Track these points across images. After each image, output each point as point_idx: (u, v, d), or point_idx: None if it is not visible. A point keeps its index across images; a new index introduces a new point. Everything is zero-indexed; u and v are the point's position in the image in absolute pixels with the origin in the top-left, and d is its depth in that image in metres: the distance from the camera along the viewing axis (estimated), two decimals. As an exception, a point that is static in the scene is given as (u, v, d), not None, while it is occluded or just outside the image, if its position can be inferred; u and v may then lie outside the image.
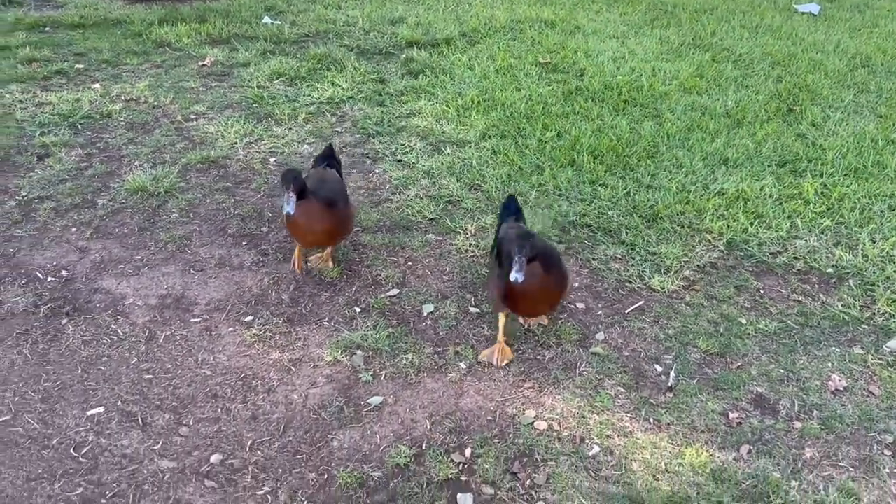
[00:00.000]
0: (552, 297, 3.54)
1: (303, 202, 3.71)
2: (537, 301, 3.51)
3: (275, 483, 3.02)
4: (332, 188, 4.00)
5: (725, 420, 3.36)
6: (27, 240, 4.43)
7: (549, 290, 3.46)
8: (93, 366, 3.55)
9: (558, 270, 3.48)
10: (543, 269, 3.35)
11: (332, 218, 3.91)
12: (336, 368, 3.60)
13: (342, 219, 4.01)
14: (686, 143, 5.78)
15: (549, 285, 3.44)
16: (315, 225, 3.87)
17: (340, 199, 4.00)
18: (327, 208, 3.87)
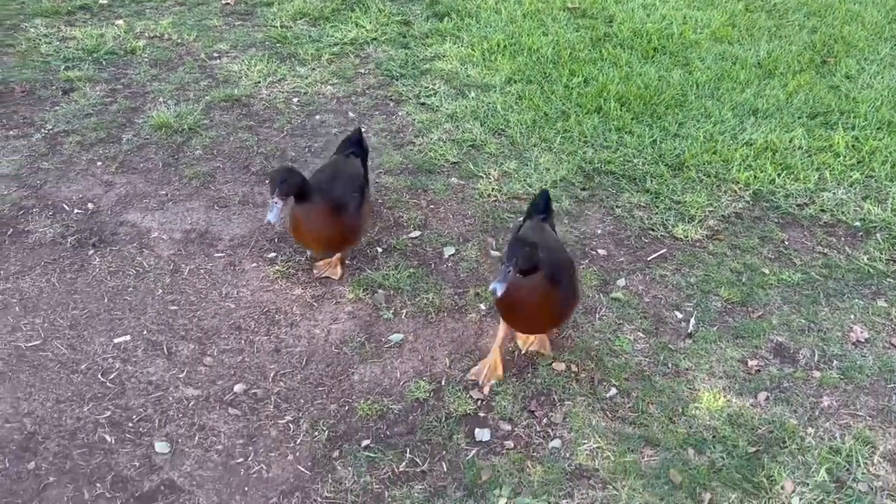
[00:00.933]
0: (553, 315, 3.06)
1: (307, 204, 3.35)
2: (534, 317, 3.04)
3: (297, 413, 3.08)
4: (345, 186, 3.55)
5: (744, 367, 3.37)
6: (53, 172, 4.47)
7: (550, 306, 2.99)
8: (119, 296, 3.61)
9: (566, 285, 3.03)
10: (550, 282, 2.91)
11: (339, 224, 3.48)
12: (357, 306, 3.63)
13: (351, 225, 3.54)
14: (715, 92, 5.66)
15: (552, 301, 2.97)
16: (319, 231, 3.46)
17: (352, 200, 3.53)
18: (334, 213, 3.44)
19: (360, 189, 3.65)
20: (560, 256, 3.12)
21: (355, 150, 3.91)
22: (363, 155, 3.96)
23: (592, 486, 2.82)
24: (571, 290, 3.10)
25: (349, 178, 3.64)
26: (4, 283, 3.64)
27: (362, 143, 3.99)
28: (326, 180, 3.57)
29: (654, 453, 2.95)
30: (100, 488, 2.76)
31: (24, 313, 3.49)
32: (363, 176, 3.82)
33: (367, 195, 3.80)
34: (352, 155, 3.88)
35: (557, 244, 3.27)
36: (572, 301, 3.14)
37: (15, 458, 2.84)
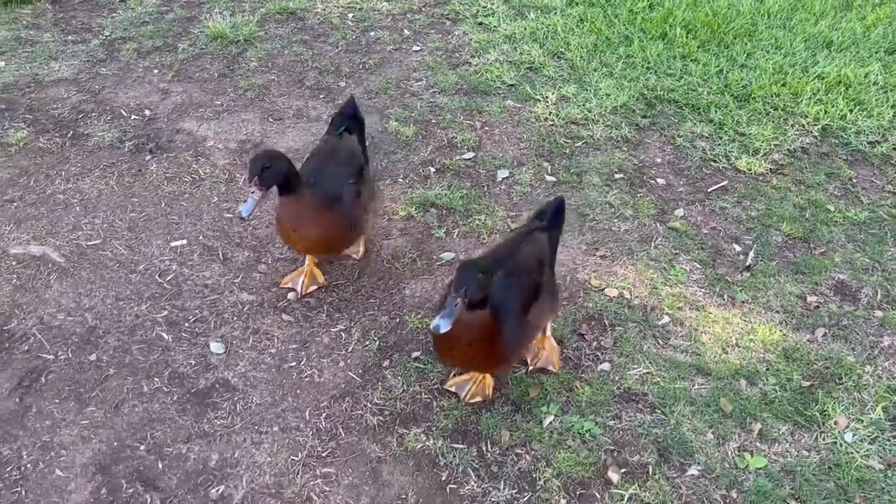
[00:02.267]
0: (490, 358, 2.51)
1: (292, 197, 2.80)
2: (468, 358, 2.53)
3: (349, 322, 3.11)
4: (338, 172, 3.03)
5: (802, 303, 3.29)
6: (111, 78, 4.48)
7: (487, 347, 2.44)
8: (175, 201, 3.65)
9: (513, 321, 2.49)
10: (492, 317, 2.38)
11: (332, 221, 2.91)
12: (410, 223, 3.62)
13: (345, 223, 2.97)
14: (788, 23, 5.39)
15: (491, 342, 2.43)
16: (307, 230, 2.89)
17: (347, 190, 2.98)
18: (325, 208, 2.88)
19: (357, 172, 3.10)
20: (522, 282, 2.58)
21: (349, 124, 3.30)
22: (359, 128, 3.37)
23: (640, 410, 2.81)
24: (520, 324, 2.53)
25: (343, 162, 3.10)
26: (66, 184, 3.70)
27: (357, 115, 3.37)
28: (316, 168, 3.05)
29: (704, 382, 2.93)
30: (157, 382, 2.84)
31: (85, 213, 3.55)
32: (361, 154, 3.26)
33: (367, 176, 3.22)
34: (346, 132, 3.28)
35: (533, 264, 2.66)
36: (523, 336, 2.57)
37: (77, 350, 2.94)
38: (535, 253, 2.68)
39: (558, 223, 2.91)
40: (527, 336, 2.61)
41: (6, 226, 3.45)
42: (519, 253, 2.65)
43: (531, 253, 2.67)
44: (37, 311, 3.08)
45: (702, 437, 2.73)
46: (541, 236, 2.76)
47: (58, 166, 3.81)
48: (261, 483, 2.54)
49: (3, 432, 2.63)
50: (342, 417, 2.75)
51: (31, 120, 4.10)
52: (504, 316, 2.44)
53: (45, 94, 4.32)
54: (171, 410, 2.74)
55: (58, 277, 3.22)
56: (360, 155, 3.23)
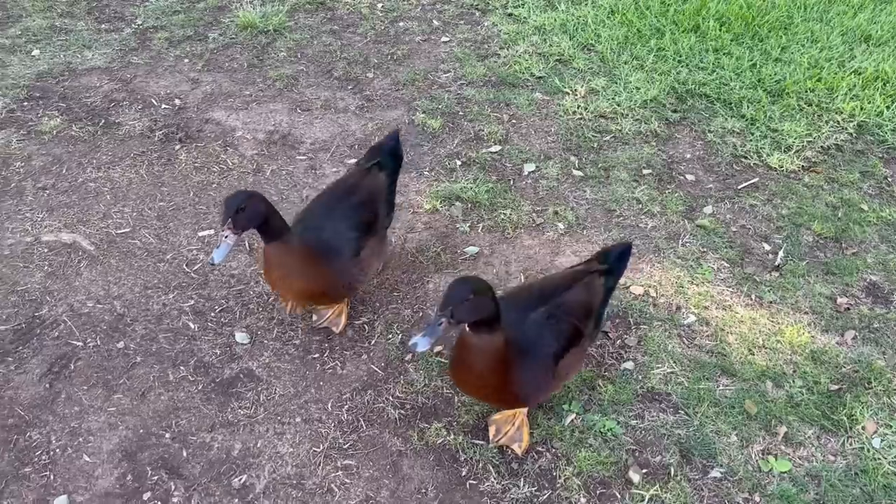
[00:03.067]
0: (503, 390, 2.33)
1: (280, 244, 2.54)
2: (479, 386, 2.35)
3: (372, 315, 3.12)
4: (344, 219, 2.74)
5: (832, 304, 3.23)
6: (143, 67, 4.53)
7: (499, 377, 2.28)
8: (204, 191, 3.69)
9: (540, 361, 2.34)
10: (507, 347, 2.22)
11: (321, 277, 2.65)
12: (434, 216, 3.62)
13: (336, 280, 2.70)
14: (825, 15, 5.27)
15: (503, 372, 2.26)
16: (293, 281, 2.63)
17: (348, 241, 2.71)
18: (317, 259, 2.62)
19: (367, 223, 2.80)
20: (562, 328, 2.40)
21: (383, 159, 2.99)
22: (394, 166, 3.03)
23: (664, 410, 2.79)
24: (546, 370, 2.36)
25: (356, 206, 2.79)
26: (96, 172, 3.76)
27: (396, 152, 3.06)
28: (323, 208, 2.80)
29: (730, 383, 2.89)
30: (183, 371, 2.88)
31: (115, 202, 3.60)
32: (384, 198, 2.93)
33: (380, 227, 2.90)
34: (375, 167, 2.96)
35: (580, 311, 2.47)
36: (545, 383, 2.39)
37: (106, 337, 2.99)
38: (586, 299, 2.49)
39: (620, 270, 2.70)
40: (550, 386, 2.43)
41: (39, 213, 3.51)
42: (568, 294, 2.46)
43: (582, 299, 2.48)
44: (67, 298, 3.13)
45: (725, 438, 2.70)
46: (597, 282, 2.56)
47: (90, 154, 3.87)
48: (282, 473, 2.56)
49: (34, 417, 2.69)
50: (364, 410, 2.77)
51: (64, 108, 4.16)
52: (532, 359, 2.29)
53: (79, 82, 4.38)
54: (196, 399, 2.78)
55: (87, 265, 3.28)
56: (381, 200, 2.90)
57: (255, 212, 2.43)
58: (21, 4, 5.09)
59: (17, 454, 2.58)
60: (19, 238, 3.38)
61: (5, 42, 4.68)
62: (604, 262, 2.67)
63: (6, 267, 3.24)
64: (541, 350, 2.34)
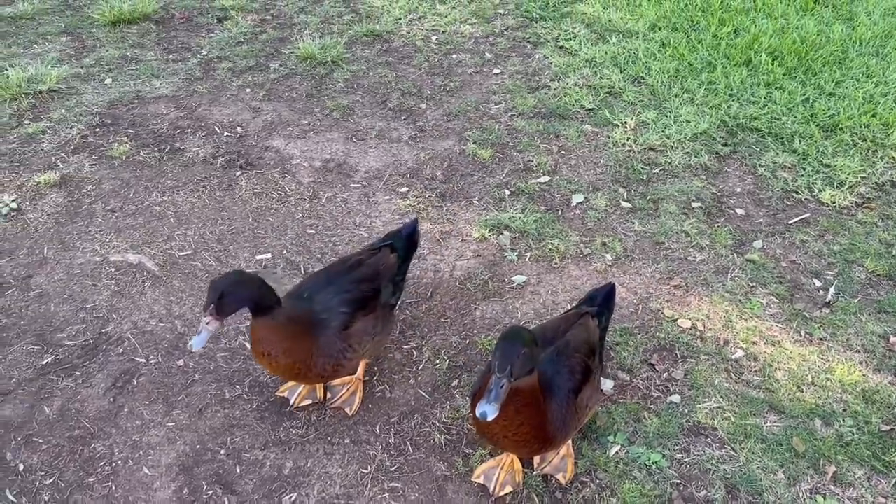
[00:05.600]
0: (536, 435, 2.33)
1: (266, 318, 2.45)
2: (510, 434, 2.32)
3: (420, 340, 3.20)
4: (337, 296, 2.64)
5: (885, 343, 3.19)
6: (207, 96, 4.74)
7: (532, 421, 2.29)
8: (262, 216, 3.83)
9: (562, 399, 2.37)
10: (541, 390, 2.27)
11: (305, 352, 2.54)
12: (483, 245, 3.69)
13: (321, 354, 2.57)
14: (881, 50, 5.22)
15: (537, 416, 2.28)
16: (278, 356, 2.51)
17: (338, 317, 2.60)
18: (297, 333, 2.52)
19: (368, 296, 2.71)
20: (573, 364, 2.47)
21: (396, 242, 2.96)
22: (407, 250, 2.99)
23: (709, 444, 2.79)
24: (569, 405, 2.39)
25: (355, 281, 2.71)
26: (161, 196, 3.94)
27: (412, 237, 3.03)
28: (316, 283, 2.71)
29: (777, 419, 2.88)
30: (238, 390, 2.99)
31: (178, 224, 3.77)
32: (390, 278, 2.85)
33: (384, 302, 2.79)
34: (387, 248, 2.91)
35: (584, 348, 2.54)
36: (571, 419, 2.41)
37: (166, 355, 3.12)
38: (586, 337, 2.59)
39: (609, 310, 2.82)
40: (576, 420, 2.45)
41: (108, 234, 3.70)
42: (570, 335, 2.56)
43: (583, 337, 2.57)
44: (131, 316, 3.29)
45: (772, 475, 2.68)
46: (591, 322, 2.66)
47: (155, 179, 4.06)
48: (331, 493, 2.64)
49: (98, 429, 2.83)
50: (411, 434, 2.83)
51: (133, 134, 4.38)
52: (556, 396, 2.33)
53: (147, 110, 4.61)
54: (251, 418, 2.89)
55: (151, 285, 3.44)
56: (386, 278, 2.82)
57: (239, 298, 2.36)
58: (96, 36, 5.38)
59: (81, 464, 2.72)
60: (89, 258, 3.57)
61: (80, 71, 4.95)
62: (592, 304, 2.78)
63: (76, 285, 3.42)
64: (562, 387, 2.39)
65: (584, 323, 2.65)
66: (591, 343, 2.61)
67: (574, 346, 2.52)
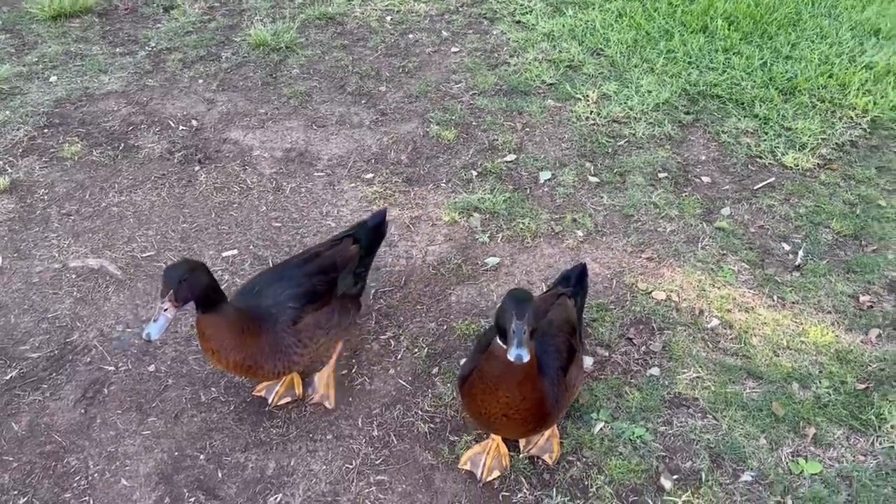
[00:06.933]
0: (537, 405, 2.29)
1: (212, 314, 2.37)
2: (515, 403, 2.26)
3: (397, 329, 3.16)
4: (287, 290, 2.56)
5: (855, 303, 3.24)
6: (158, 89, 4.59)
7: (532, 398, 2.26)
8: (225, 211, 3.73)
9: (553, 377, 2.36)
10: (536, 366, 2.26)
11: (253, 347, 2.44)
12: (453, 228, 3.65)
13: (268, 350, 2.48)
14: (833, 10, 5.27)
15: (536, 392, 2.27)
16: (228, 352, 2.42)
17: (287, 311, 2.52)
18: (244, 328, 2.41)
19: (322, 289, 2.62)
20: (558, 343, 2.45)
21: (360, 232, 2.89)
22: (371, 241, 2.93)
23: (692, 415, 2.81)
24: (560, 383, 2.38)
25: (308, 274, 2.63)
26: (119, 196, 3.81)
27: (379, 228, 2.97)
28: (267, 277, 2.64)
29: (756, 385, 2.91)
30: (214, 392, 2.92)
31: (139, 225, 3.65)
32: (350, 269, 2.76)
33: (341, 294, 2.70)
34: (348, 238, 2.83)
35: (566, 327, 2.54)
36: (562, 397, 2.39)
37: (136, 361, 3.03)
38: (566, 317, 2.58)
39: (583, 289, 2.83)
40: (566, 398, 2.44)
41: (65, 239, 3.57)
42: (551, 314, 2.54)
43: (563, 317, 2.56)
44: (97, 323, 3.18)
45: (754, 442, 2.72)
46: (569, 302, 2.66)
47: (111, 179, 3.92)
48: (317, 491, 2.60)
49: (71, 443, 2.74)
50: (394, 425, 2.80)
51: (83, 133, 4.22)
52: (545, 374, 2.32)
53: (97, 107, 4.44)
54: (229, 420, 2.82)
55: (115, 290, 3.33)
56: (345, 270, 2.73)
57: (198, 283, 2.29)
58: (36, 31, 5.16)
59: (56, 480, 2.63)
60: (47, 265, 3.44)
61: (23, 69, 4.75)
62: (567, 285, 2.80)
63: (36, 294, 3.30)
64: (551, 365, 2.38)
65: (562, 303, 2.64)
66: (572, 322, 2.61)
67: (557, 326, 2.52)
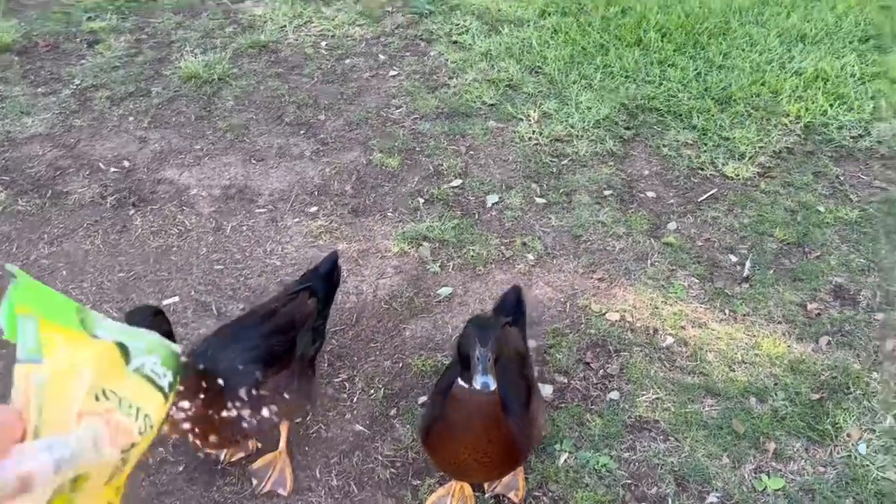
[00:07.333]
0: (508, 444, 2.15)
1: None
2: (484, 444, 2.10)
3: (351, 370, 3.07)
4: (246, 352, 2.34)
5: (804, 311, 3.29)
6: (86, 130, 4.40)
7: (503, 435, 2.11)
8: (163, 256, 3.59)
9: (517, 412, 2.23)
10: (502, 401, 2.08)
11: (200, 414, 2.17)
12: (403, 259, 3.58)
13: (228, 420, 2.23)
14: (760, 18, 5.40)
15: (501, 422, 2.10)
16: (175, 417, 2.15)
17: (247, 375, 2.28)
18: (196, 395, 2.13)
19: (282, 351, 2.43)
20: (513, 375, 2.32)
21: (314, 284, 2.68)
22: (328, 292, 2.73)
23: (654, 438, 2.79)
24: (524, 418, 2.26)
25: (266, 335, 2.43)
26: (50, 247, 3.63)
27: (331, 276, 2.77)
28: (223, 338, 2.42)
29: (715, 403, 2.91)
30: (162, 452, 2.77)
31: (72, 277, 3.48)
32: (309, 326, 2.57)
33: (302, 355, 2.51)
34: (305, 291, 2.62)
35: (517, 358, 2.43)
36: (528, 433, 2.28)
37: (77, 424, 2.86)
38: (515, 347, 2.46)
39: (522, 313, 2.71)
40: (534, 432, 2.34)
41: (-8, 297, 3.37)
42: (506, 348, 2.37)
43: (512, 348, 2.44)
44: (32, 385, 3.00)
45: (717, 461, 2.71)
46: (513, 330, 2.55)
47: (40, 229, 3.73)
48: (278, 550, 2.49)
49: (9, 520, 2.57)
50: (354, 473, 2.71)
51: (7, 181, 4.01)
52: (509, 411, 2.17)
53: (20, 152, 4.23)
54: (180, 481, 2.69)
55: (50, 348, 3.15)
56: (304, 328, 2.54)
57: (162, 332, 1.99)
58: (-50, 74, 4.91)
59: (-5, 563, 2.45)
60: (-26, 326, 3.24)
61: (-62, 115, 4.51)
62: (506, 313, 2.65)
63: (-37, 359, 3.10)
64: (513, 400, 2.27)
65: (507, 333, 2.50)
66: (521, 352, 2.53)
67: (507, 358, 2.38)
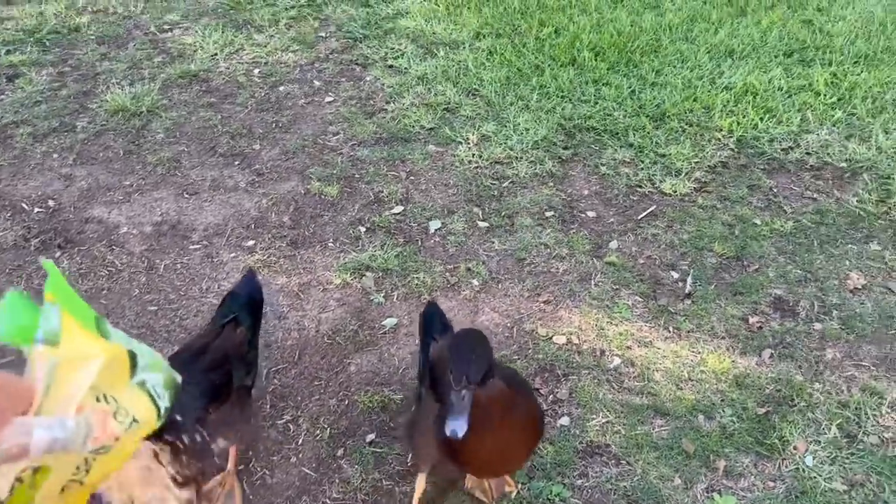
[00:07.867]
0: (531, 428, 2.18)
1: None
2: (510, 439, 2.09)
3: (295, 411, 2.96)
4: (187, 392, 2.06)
5: (745, 325, 3.32)
6: (7, 168, 4.20)
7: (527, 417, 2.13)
8: (93, 300, 3.42)
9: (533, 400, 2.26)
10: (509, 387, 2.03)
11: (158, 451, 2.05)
12: (346, 291, 3.50)
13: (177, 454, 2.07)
14: (689, 35, 5.52)
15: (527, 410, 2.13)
16: None
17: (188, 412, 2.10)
18: None
19: (220, 384, 2.36)
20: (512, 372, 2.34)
21: (238, 311, 2.58)
22: (254, 316, 2.65)
23: (606, 463, 2.77)
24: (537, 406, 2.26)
25: (202, 372, 2.34)
26: (-32, 296, 3.42)
27: (253, 299, 2.67)
28: None
29: (664, 423, 2.91)
30: None
31: (-6, 327, 3.28)
32: (241, 356, 2.49)
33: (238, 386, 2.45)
34: (232, 324, 2.53)
35: None
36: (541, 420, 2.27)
37: (2, 486, 2.69)
38: None
39: (449, 326, 2.69)
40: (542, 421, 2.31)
41: None
42: None
43: None
44: (-49, 447, 2.81)
45: (669, 483, 2.70)
46: None
47: (-42, 276, 3.53)
48: None
49: None
50: (302, 519, 2.61)
51: (-79, 227, 3.80)
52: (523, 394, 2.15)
53: (-65, 195, 4.01)
54: (116, 541, 2.54)
55: (-29, 405, 2.96)
56: (237, 359, 2.46)
57: None
58: None
59: None
60: None
61: None
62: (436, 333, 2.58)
63: None
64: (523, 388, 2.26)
65: None
66: None
67: None
